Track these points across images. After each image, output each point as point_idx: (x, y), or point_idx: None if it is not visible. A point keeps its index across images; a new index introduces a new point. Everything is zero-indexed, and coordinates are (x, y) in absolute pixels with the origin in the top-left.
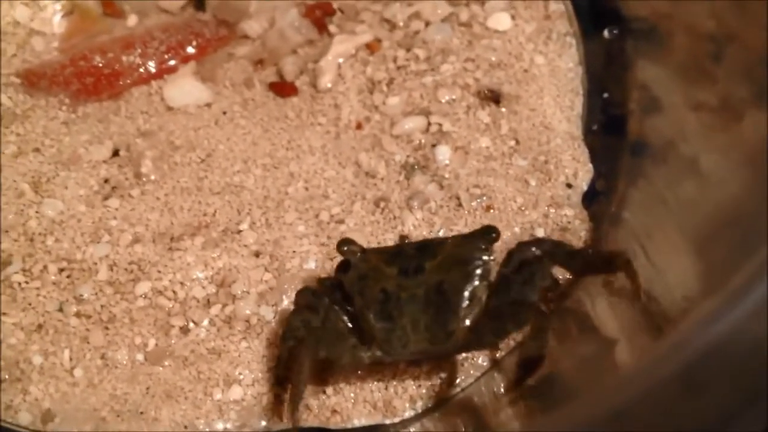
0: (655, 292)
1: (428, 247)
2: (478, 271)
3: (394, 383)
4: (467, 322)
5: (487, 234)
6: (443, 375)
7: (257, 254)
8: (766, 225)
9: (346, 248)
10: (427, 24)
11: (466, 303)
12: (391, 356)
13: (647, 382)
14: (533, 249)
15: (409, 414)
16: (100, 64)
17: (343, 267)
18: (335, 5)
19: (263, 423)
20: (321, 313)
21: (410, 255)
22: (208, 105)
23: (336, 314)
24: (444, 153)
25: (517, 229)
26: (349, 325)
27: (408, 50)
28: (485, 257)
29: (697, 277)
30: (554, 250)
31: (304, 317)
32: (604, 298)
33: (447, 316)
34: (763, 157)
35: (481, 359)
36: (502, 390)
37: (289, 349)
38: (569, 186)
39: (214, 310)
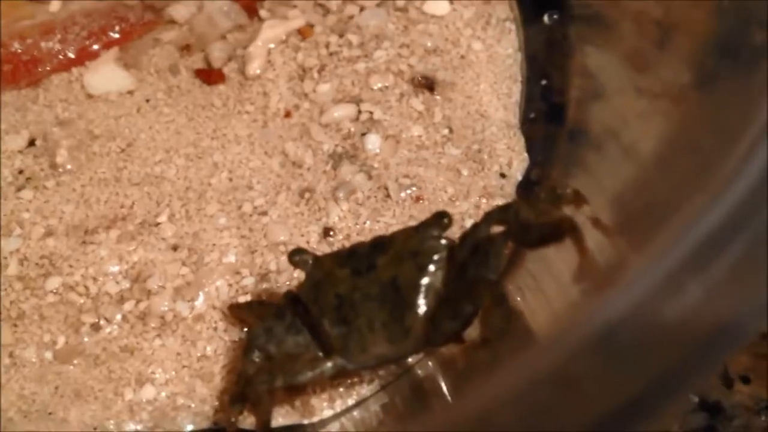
0: (583, 276)
1: (380, 243)
2: (432, 261)
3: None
4: (424, 314)
5: (439, 220)
6: (363, 372)
7: (175, 248)
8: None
9: (297, 258)
10: (362, 9)
11: (422, 295)
12: (352, 363)
13: (560, 353)
14: (485, 228)
15: (327, 413)
16: (19, 51)
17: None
18: None
19: (176, 424)
20: (285, 322)
21: (362, 254)
22: (131, 92)
23: (295, 330)
24: (374, 142)
25: None
26: (309, 339)
27: (341, 36)
28: (437, 245)
29: (622, 257)
30: (508, 224)
31: (266, 325)
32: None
33: (403, 311)
34: (703, 142)
35: None
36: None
37: (253, 364)
38: (503, 176)
39: (128, 306)
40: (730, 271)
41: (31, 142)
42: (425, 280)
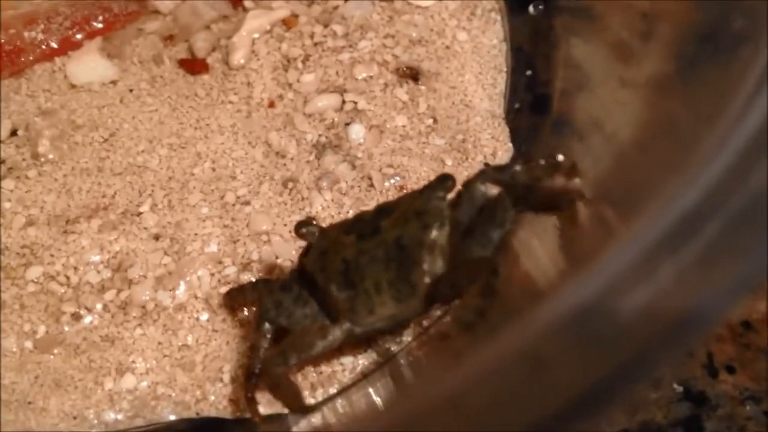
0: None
1: (385, 209)
2: (436, 219)
3: (293, 370)
4: (430, 271)
5: (443, 182)
6: (344, 361)
7: (157, 237)
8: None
9: (304, 230)
10: None
11: (426, 252)
12: (360, 326)
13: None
14: (480, 185)
15: (309, 402)
16: (2, 41)
17: (306, 252)
18: None
19: (157, 413)
20: (293, 294)
21: (367, 220)
22: (114, 82)
23: (302, 302)
24: (358, 132)
25: None
26: (317, 310)
27: (326, 26)
28: (441, 204)
29: (600, 242)
30: (505, 183)
31: (275, 298)
32: None
33: (409, 269)
34: (681, 127)
35: (387, 344)
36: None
37: (265, 337)
38: (487, 166)
39: (109, 295)
40: (703, 252)
41: (13, 132)
42: (429, 238)
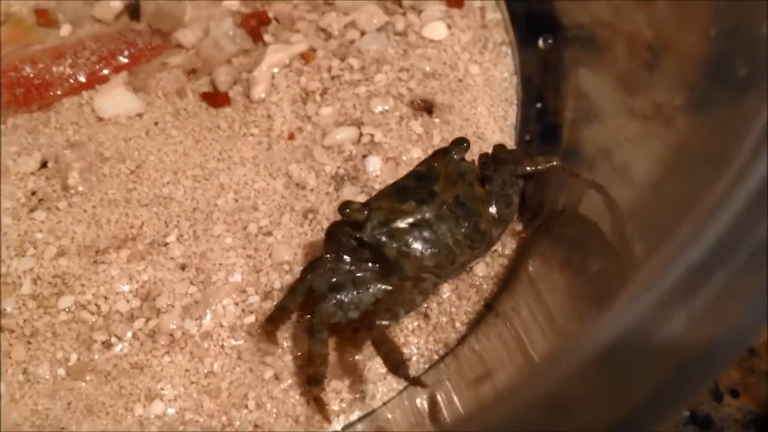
0: (578, 293)
1: (424, 175)
2: (474, 177)
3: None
4: (490, 216)
5: (459, 145)
6: (364, 388)
7: (183, 267)
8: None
9: (348, 210)
10: (363, 33)
11: (480, 203)
12: (440, 277)
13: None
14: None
15: (331, 428)
16: (31, 75)
17: (331, 234)
18: (271, 14)
19: None
20: (347, 290)
21: (415, 187)
22: (140, 115)
23: (363, 285)
24: (375, 164)
25: None
26: (383, 278)
27: (342, 60)
28: (472, 165)
29: (617, 280)
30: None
31: (333, 300)
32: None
33: (476, 220)
34: (693, 165)
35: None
36: (425, 405)
37: (322, 342)
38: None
39: (138, 324)
40: (716, 297)
41: (44, 164)
42: (478, 192)
